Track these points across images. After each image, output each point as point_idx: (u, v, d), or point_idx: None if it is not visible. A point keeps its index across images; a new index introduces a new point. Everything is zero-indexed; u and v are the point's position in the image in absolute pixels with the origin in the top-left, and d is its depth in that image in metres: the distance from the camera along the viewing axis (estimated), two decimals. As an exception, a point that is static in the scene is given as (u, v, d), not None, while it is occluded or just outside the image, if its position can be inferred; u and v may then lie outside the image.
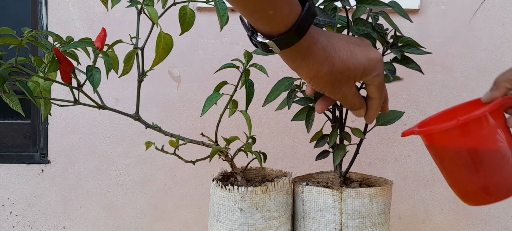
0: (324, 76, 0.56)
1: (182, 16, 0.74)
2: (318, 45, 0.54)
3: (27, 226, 1.36)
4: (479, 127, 0.63)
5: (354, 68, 0.57)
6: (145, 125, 0.79)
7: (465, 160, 0.64)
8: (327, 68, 0.55)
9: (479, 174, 0.63)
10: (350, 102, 0.61)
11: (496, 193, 0.63)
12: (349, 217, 0.76)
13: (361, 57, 0.57)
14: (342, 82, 0.58)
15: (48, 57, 0.69)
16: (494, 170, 0.63)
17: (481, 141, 0.62)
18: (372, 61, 0.58)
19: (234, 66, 0.77)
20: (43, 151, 1.34)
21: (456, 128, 0.62)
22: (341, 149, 0.80)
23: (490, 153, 0.63)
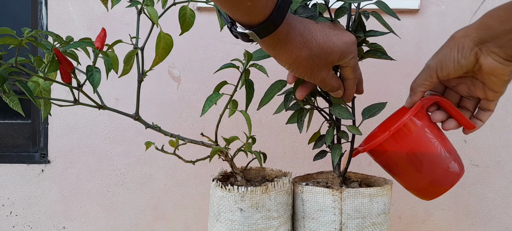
0: (303, 61, 0.60)
1: (182, 16, 0.74)
2: (295, 31, 0.58)
3: (27, 226, 1.36)
4: (408, 131, 0.70)
5: (330, 52, 0.61)
6: (145, 125, 0.79)
7: (407, 163, 0.71)
8: (305, 53, 0.59)
9: (424, 171, 0.70)
10: (329, 85, 0.66)
11: (443, 184, 0.70)
12: (349, 217, 0.76)
13: (336, 41, 0.61)
14: (320, 66, 0.62)
15: (48, 57, 0.69)
16: (434, 164, 0.70)
17: (414, 143, 0.70)
18: (348, 44, 0.62)
19: (234, 66, 0.77)
20: (43, 151, 1.34)
21: (390, 138, 0.70)
22: (337, 148, 0.80)
23: (425, 150, 0.70)
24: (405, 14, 1.27)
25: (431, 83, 0.68)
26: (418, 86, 0.70)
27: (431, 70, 0.67)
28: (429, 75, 0.67)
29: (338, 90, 0.69)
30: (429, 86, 0.69)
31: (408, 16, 1.28)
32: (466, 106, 0.71)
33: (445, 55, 0.65)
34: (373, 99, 0.87)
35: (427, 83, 0.69)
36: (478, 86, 0.67)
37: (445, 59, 0.65)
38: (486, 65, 0.62)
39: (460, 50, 0.63)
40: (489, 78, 0.64)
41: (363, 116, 0.82)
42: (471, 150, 1.31)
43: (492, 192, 1.32)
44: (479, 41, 0.61)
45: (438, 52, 0.67)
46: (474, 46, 0.62)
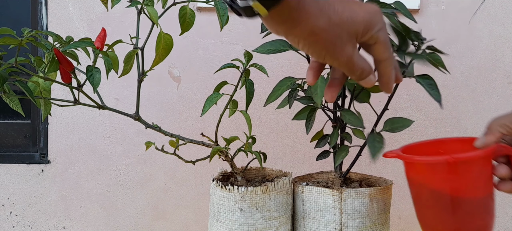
0: (322, 32, 0.49)
1: (182, 16, 0.74)
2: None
3: (27, 226, 1.36)
4: (467, 170, 0.59)
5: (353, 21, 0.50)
6: (145, 125, 0.79)
7: (443, 200, 0.60)
8: (323, 21, 0.48)
9: (455, 217, 0.60)
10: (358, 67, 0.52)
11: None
12: (349, 217, 0.76)
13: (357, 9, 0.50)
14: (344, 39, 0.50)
15: (48, 57, 0.69)
16: (471, 217, 0.60)
17: (466, 185, 0.60)
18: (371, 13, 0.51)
19: (234, 66, 0.77)
20: (43, 151, 1.34)
21: (444, 165, 0.59)
22: (343, 150, 0.79)
23: (471, 198, 0.60)
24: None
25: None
26: (499, 127, 0.60)
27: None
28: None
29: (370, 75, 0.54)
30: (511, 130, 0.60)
31: (408, 16, 1.28)
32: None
33: None
34: (373, 100, 0.87)
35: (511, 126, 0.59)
36: None
37: None
38: None
39: None
40: None
41: (384, 126, 0.79)
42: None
43: (492, 192, 1.32)
44: None
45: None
46: None
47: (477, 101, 1.30)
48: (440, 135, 1.32)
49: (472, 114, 1.31)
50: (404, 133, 1.30)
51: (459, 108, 1.30)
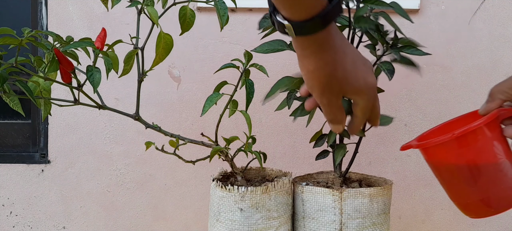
0: (322, 77, 0.56)
1: (182, 16, 0.74)
2: (331, 44, 0.54)
3: (27, 226, 1.36)
4: (475, 139, 0.62)
5: (349, 84, 0.57)
6: (145, 125, 0.79)
7: (463, 173, 0.63)
8: (329, 70, 0.55)
9: (478, 186, 0.63)
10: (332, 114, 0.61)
11: (496, 205, 0.63)
12: (349, 217, 0.76)
13: (360, 78, 0.58)
14: (333, 91, 0.57)
15: (48, 57, 0.69)
16: (492, 181, 0.62)
17: (478, 153, 0.62)
18: (368, 86, 0.58)
19: (234, 66, 0.77)
20: (43, 151, 1.34)
21: (453, 141, 0.62)
22: (341, 148, 0.80)
23: (487, 165, 0.62)
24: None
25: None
26: (499, 93, 0.63)
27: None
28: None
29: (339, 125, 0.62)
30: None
31: (408, 16, 1.28)
32: None
33: None
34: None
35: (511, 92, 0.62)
36: None
37: None
38: None
39: None
40: None
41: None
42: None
43: (492, 192, 1.32)
44: None
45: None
46: None
47: (477, 101, 1.30)
48: (440, 135, 1.32)
49: (472, 114, 1.31)
50: (404, 133, 1.31)
51: (459, 108, 1.30)
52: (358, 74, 0.57)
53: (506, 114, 0.63)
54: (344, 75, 0.56)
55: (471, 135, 0.62)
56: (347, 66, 0.56)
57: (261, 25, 0.76)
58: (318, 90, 0.58)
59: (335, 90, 0.57)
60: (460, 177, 0.64)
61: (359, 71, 0.57)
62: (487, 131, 0.62)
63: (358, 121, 0.63)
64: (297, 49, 0.56)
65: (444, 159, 0.65)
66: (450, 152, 0.63)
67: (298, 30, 0.52)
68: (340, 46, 0.55)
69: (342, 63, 0.56)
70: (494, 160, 0.62)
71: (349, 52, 0.57)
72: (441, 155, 0.65)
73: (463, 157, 0.62)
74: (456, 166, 0.63)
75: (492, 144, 0.62)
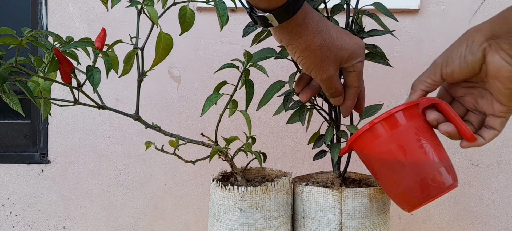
0: (316, 49, 0.59)
1: (182, 16, 0.74)
2: (312, 18, 0.58)
3: (27, 226, 1.36)
4: (394, 125, 0.64)
5: (342, 48, 0.60)
6: (145, 125, 0.79)
7: (388, 161, 0.65)
8: (318, 40, 0.58)
9: (405, 173, 0.64)
10: (333, 86, 0.64)
11: (427, 190, 0.63)
12: (349, 217, 0.76)
13: (348, 40, 0.61)
14: (330, 61, 0.60)
15: (48, 57, 0.69)
16: (419, 167, 0.63)
17: (398, 140, 0.64)
18: (358, 46, 0.62)
19: (234, 66, 0.77)
20: (43, 151, 1.34)
21: (372, 129, 0.65)
22: (336, 147, 0.80)
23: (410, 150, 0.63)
24: (405, 14, 1.27)
25: (434, 82, 0.64)
26: (419, 84, 0.65)
27: (436, 66, 0.62)
28: (433, 72, 0.63)
29: (340, 96, 0.66)
30: (432, 85, 0.64)
31: (408, 16, 1.28)
32: (470, 121, 0.65)
33: (453, 50, 0.60)
34: (373, 99, 0.87)
35: (430, 81, 0.64)
36: (486, 99, 0.62)
37: (452, 54, 0.60)
38: (492, 64, 0.56)
39: (469, 45, 0.58)
40: (494, 84, 0.58)
41: (361, 116, 0.82)
42: (471, 150, 1.31)
43: (492, 192, 1.32)
44: (490, 36, 0.56)
45: (447, 48, 0.62)
46: (483, 41, 0.57)
47: (477, 102, 1.30)
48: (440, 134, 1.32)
49: (472, 114, 1.31)
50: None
51: (459, 108, 1.31)
52: (345, 37, 0.61)
53: (426, 103, 0.65)
54: (333, 41, 0.59)
55: (389, 121, 0.64)
56: (332, 33, 0.59)
57: (245, 33, 0.79)
58: (316, 66, 0.61)
59: (331, 59, 0.61)
60: (387, 165, 0.65)
61: (345, 35, 0.61)
62: (405, 117, 0.64)
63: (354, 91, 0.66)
64: (284, 36, 0.59)
65: (370, 149, 0.66)
66: (373, 141, 0.65)
67: (279, 17, 0.55)
68: (320, 18, 0.59)
69: (328, 32, 0.59)
70: (415, 144, 0.63)
71: (328, 22, 0.60)
72: (366, 146, 0.66)
73: (386, 143, 0.64)
74: (381, 153, 0.65)
75: (413, 130, 0.64)
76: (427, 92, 0.65)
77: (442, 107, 0.64)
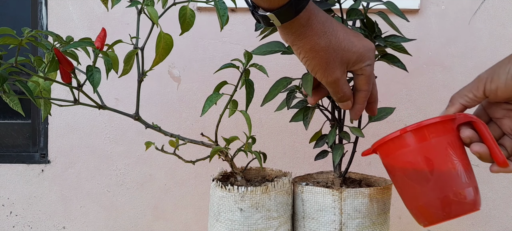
0: (321, 50, 0.56)
1: (182, 16, 0.74)
2: (317, 19, 0.55)
3: (27, 226, 1.36)
4: (425, 137, 0.62)
5: (348, 50, 0.58)
6: (145, 125, 0.79)
7: (414, 172, 0.63)
8: (324, 42, 0.56)
9: (429, 187, 0.62)
10: (340, 91, 0.61)
11: (447, 208, 0.62)
12: (349, 217, 0.76)
13: (356, 42, 0.58)
14: (336, 63, 0.58)
15: (48, 57, 0.69)
16: (445, 182, 0.61)
17: (429, 152, 0.62)
18: (366, 48, 0.59)
19: (234, 66, 0.77)
20: (43, 151, 1.34)
21: (403, 136, 0.62)
22: (339, 148, 0.80)
23: (438, 165, 0.61)
24: (405, 14, 1.27)
25: (475, 97, 0.60)
26: (459, 97, 0.62)
27: (480, 81, 0.59)
28: (476, 86, 0.60)
29: (348, 100, 0.63)
30: (472, 100, 0.61)
31: (408, 16, 1.28)
32: (504, 145, 0.62)
33: (501, 66, 0.57)
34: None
35: (471, 96, 0.60)
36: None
37: (499, 70, 0.57)
38: None
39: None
40: None
41: (369, 118, 0.81)
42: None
43: (492, 192, 1.32)
44: None
45: (495, 64, 0.59)
46: None
47: (477, 102, 1.30)
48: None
49: (472, 114, 1.31)
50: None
51: (459, 108, 1.31)
52: (352, 39, 0.58)
53: (462, 119, 0.62)
54: (339, 43, 0.57)
55: (422, 132, 0.61)
56: (339, 34, 0.57)
57: (258, 27, 0.78)
58: (321, 67, 0.58)
59: (337, 61, 0.58)
60: (411, 175, 0.63)
61: (353, 37, 0.58)
62: (440, 131, 0.62)
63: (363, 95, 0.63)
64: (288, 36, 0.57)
65: (396, 157, 0.64)
66: (401, 149, 0.63)
67: (281, 17, 0.53)
68: (326, 19, 0.57)
69: (334, 33, 0.57)
70: (446, 160, 0.61)
71: (336, 22, 0.58)
72: (393, 153, 0.64)
73: (414, 154, 0.62)
74: (407, 163, 0.63)
75: (445, 144, 0.61)
76: (466, 107, 0.62)
77: (478, 126, 0.61)
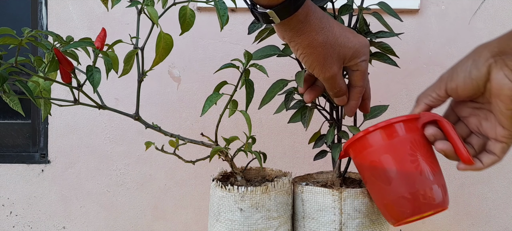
0: (318, 46, 0.58)
1: (182, 16, 0.74)
2: (315, 15, 0.57)
3: (27, 226, 1.36)
4: (390, 135, 0.63)
5: (345, 46, 0.59)
6: (145, 125, 0.79)
7: (379, 170, 0.64)
8: (321, 37, 0.57)
9: (393, 185, 0.63)
10: (337, 86, 0.63)
11: (416, 206, 0.62)
12: (349, 217, 0.76)
13: (352, 38, 0.60)
14: (334, 59, 0.59)
15: (48, 57, 0.69)
16: (409, 180, 0.61)
17: (393, 151, 0.62)
18: (362, 45, 0.61)
19: (234, 66, 0.77)
20: (43, 151, 1.34)
21: (367, 136, 0.64)
22: (337, 147, 0.80)
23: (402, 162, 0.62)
24: (405, 14, 1.27)
25: (439, 96, 0.62)
26: (423, 97, 0.64)
27: (441, 81, 0.61)
28: (438, 86, 0.61)
29: (344, 95, 0.65)
30: (436, 100, 0.62)
31: (408, 16, 1.28)
32: (471, 143, 0.63)
33: (459, 65, 0.59)
34: (373, 100, 0.87)
35: (434, 95, 0.62)
36: (490, 121, 0.60)
37: (457, 69, 0.59)
38: (496, 81, 0.55)
39: (476, 60, 0.57)
40: (496, 103, 0.56)
41: (365, 117, 0.82)
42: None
43: (492, 192, 1.32)
44: (497, 52, 0.55)
45: (455, 63, 0.61)
46: (489, 57, 0.55)
47: (477, 102, 1.30)
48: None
49: (472, 114, 1.31)
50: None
51: (459, 108, 1.31)
52: (348, 35, 0.60)
53: (427, 118, 0.63)
54: (336, 39, 0.59)
55: (386, 131, 0.63)
56: (336, 31, 0.59)
57: (251, 30, 0.79)
58: (318, 63, 0.60)
59: (334, 57, 0.59)
60: (377, 174, 0.64)
61: (349, 33, 0.60)
62: (403, 128, 0.63)
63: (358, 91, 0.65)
64: (286, 33, 0.58)
65: (363, 156, 0.65)
66: (367, 148, 0.64)
67: (280, 14, 0.55)
68: (323, 15, 0.58)
69: (331, 29, 0.58)
70: (409, 158, 0.62)
71: (332, 19, 0.59)
72: (361, 152, 0.66)
73: (379, 153, 0.63)
74: (373, 162, 0.64)
75: (409, 142, 0.62)
76: (431, 107, 0.64)
77: (442, 124, 0.62)
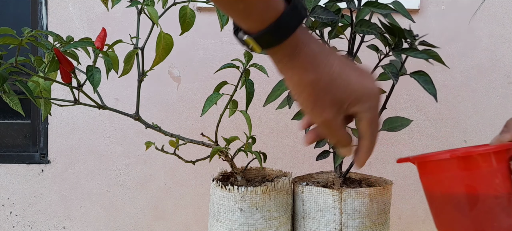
0: (307, 86, 0.49)
1: (182, 16, 0.74)
2: (307, 49, 0.47)
3: (27, 226, 1.36)
4: (477, 165, 0.58)
5: (342, 89, 0.49)
6: (145, 125, 0.79)
7: (458, 198, 0.59)
8: (312, 76, 0.48)
9: (471, 217, 0.58)
10: (335, 134, 0.52)
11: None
12: (349, 217, 0.76)
13: (355, 81, 0.49)
14: (325, 103, 0.49)
15: (48, 57, 0.69)
16: (487, 216, 0.57)
17: (478, 181, 0.58)
18: (367, 90, 0.50)
19: (234, 66, 0.77)
20: (43, 151, 1.34)
21: (453, 160, 0.58)
22: (341, 149, 0.80)
23: (486, 196, 0.57)
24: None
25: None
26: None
27: None
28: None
29: (346, 147, 0.54)
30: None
31: (408, 16, 1.28)
32: None
33: None
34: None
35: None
36: None
37: None
38: None
39: None
40: None
41: (384, 125, 0.80)
42: (471, 150, 1.31)
43: (492, 192, 1.32)
44: None
45: None
46: None
47: (477, 101, 1.30)
48: (440, 134, 1.32)
49: (472, 114, 1.31)
50: (404, 132, 1.31)
51: (459, 108, 1.30)
52: (351, 77, 0.49)
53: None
54: (332, 80, 0.49)
55: (475, 159, 0.57)
56: (335, 69, 0.49)
57: None
58: (308, 104, 0.50)
59: (327, 100, 0.49)
60: (453, 202, 0.59)
61: (352, 76, 0.49)
62: (493, 160, 0.57)
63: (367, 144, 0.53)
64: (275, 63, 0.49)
65: (441, 179, 0.60)
66: (448, 172, 0.59)
67: (260, 42, 0.46)
68: (321, 50, 0.48)
69: (327, 68, 0.48)
70: (494, 193, 0.57)
71: (334, 56, 0.49)
72: (438, 174, 0.60)
73: (461, 180, 0.58)
74: (452, 188, 0.59)
75: (496, 175, 0.57)
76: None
77: None
